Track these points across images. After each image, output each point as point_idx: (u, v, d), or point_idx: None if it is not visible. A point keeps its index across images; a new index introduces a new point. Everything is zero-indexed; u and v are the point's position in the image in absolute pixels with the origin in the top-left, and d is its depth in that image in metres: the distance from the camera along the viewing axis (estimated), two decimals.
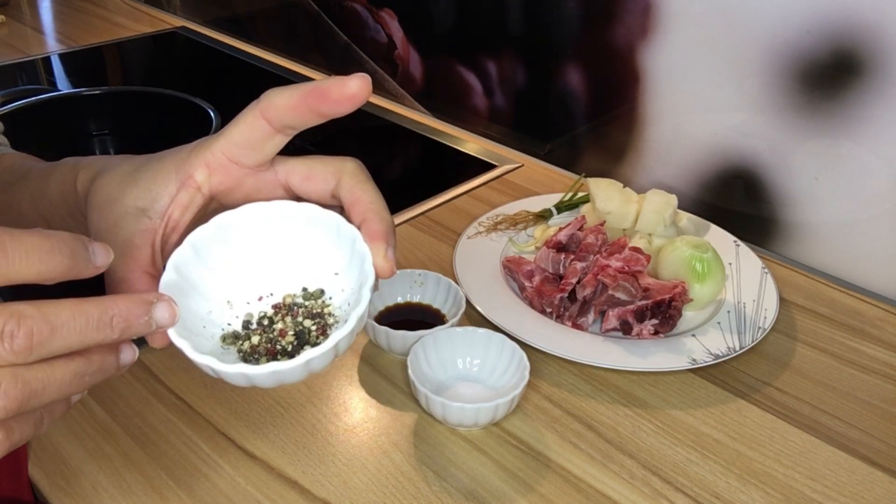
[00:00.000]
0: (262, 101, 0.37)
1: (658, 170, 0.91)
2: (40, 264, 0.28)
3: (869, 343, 0.69)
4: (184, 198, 0.39)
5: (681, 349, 0.65)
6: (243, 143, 0.38)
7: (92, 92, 1.19)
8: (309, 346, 0.36)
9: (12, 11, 1.52)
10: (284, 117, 0.37)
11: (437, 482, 0.54)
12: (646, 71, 0.87)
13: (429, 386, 0.57)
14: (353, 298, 0.37)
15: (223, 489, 0.53)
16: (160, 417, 0.59)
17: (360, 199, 0.38)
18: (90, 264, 0.30)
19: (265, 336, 0.37)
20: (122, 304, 0.30)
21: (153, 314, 0.31)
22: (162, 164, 0.40)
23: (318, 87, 0.36)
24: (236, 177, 0.39)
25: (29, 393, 0.29)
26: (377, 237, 0.37)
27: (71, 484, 0.53)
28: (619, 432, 0.59)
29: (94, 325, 0.29)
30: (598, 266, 0.67)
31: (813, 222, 0.80)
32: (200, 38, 1.44)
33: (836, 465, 0.57)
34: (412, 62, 1.14)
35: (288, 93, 0.37)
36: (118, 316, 0.30)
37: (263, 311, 0.39)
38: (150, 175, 0.39)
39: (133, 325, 0.31)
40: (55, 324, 0.28)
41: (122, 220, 0.39)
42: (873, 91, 0.71)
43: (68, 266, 0.29)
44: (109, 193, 0.40)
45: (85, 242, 0.30)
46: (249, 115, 0.38)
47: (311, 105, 0.36)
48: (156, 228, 0.39)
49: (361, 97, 0.36)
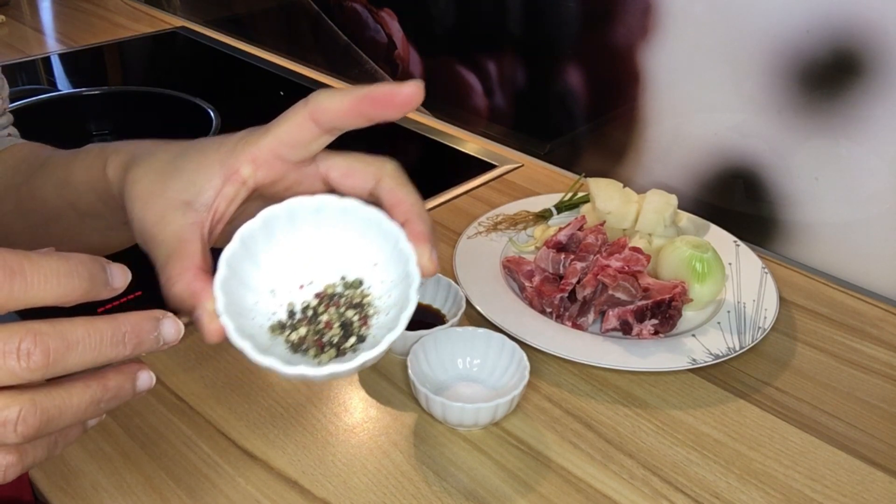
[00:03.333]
0: (310, 102, 0.38)
1: (658, 170, 0.91)
2: (59, 287, 0.29)
3: (869, 343, 0.69)
4: (230, 191, 0.39)
5: (681, 349, 0.65)
6: (290, 141, 0.39)
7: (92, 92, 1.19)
8: (354, 337, 0.37)
9: (12, 11, 1.52)
10: (334, 120, 0.38)
11: (437, 482, 0.54)
12: (646, 71, 0.87)
13: (429, 386, 0.57)
14: (396, 294, 0.38)
15: (223, 489, 0.53)
16: (160, 417, 0.59)
17: (402, 200, 0.39)
18: (108, 286, 0.30)
19: (312, 328, 0.38)
20: (133, 320, 0.31)
21: (161, 330, 0.32)
22: (205, 157, 0.40)
23: (371, 93, 0.37)
24: (280, 171, 0.40)
25: (47, 420, 0.29)
26: (422, 238, 0.38)
27: (71, 484, 0.53)
28: (619, 432, 0.59)
29: (108, 342, 0.30)
30: (598, 266, 0.67)
31: (813, 222, 0.80)
32: (200, 38, 1.44)
33: (836, 465, 0.57)
34: (412, 62, 1.14)
35: (339, 97, 0.37)
36: (130, 332, 0.30)
37: (306, 301, 0.39)
38: (194, 167, 0.40)
39: (144, 341, 0.31)
40: (70, 341, 0.29)
41: (168, 214, 0.39)
42: (873, 91, 0.71)
43: (86, 289, 0.29)
44: (150, 185, 0.40)
45: (103, 264, 0.30)
46: (298, 115, 0.38)
47: (363, 110, 0.37)
48: (203, 221, 0.39)
49: (414, 103, 0.37)
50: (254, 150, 0.39)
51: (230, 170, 0.39)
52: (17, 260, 0.28)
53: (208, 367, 0.64)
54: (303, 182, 0.41)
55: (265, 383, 0.62)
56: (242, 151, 0.39)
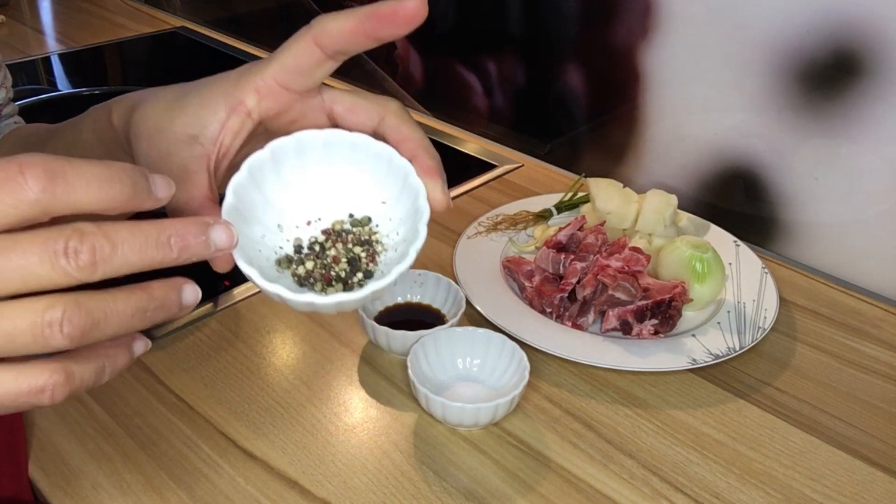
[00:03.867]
0: (314, 27, 0.37)
1: (658, 170, 0.91)
2: (100, 192, 0.28)
3: (869, 343, 0.69)
4: (234, 123, 0.39)
5: (681, 349, 0.65)
6: (294, 68, 0.38)
7: (92, 92, 1.19)
8: (361, 273, 0.37)
9: (12, 11, 1.52)
10: (338, 43, 0.37)
11: (437, 482, 0.54)
12: (646, 71, 0.87)
13: (429, 386, 0.57)
14: (404, 230, 0.38)
15: (223, 489, 0.53)
16: (160, 417, 0.59)
17: (408, 136, 0.39)
18: (151, 195, 0.30)
19: (319, 262, 0.38)
20: (178, 224, 0.30)
21: (210, 235, 0.31)
22: (209, 90, 0.39)
23: (374, 10, 0.36)
24: (285, 102, 0.39)
25: (92, 322, 0.28)
26: (431, 172, 0.38)
27: (71, 484, 0.53)
28: (619, 432, 0.59)
29: (153, 243, 0.29)
30: (598, 266, 0.67)
31: (813, 222, 0.80)
32: (200, 38, 1.44)
33: (836, 465, 0.57)
34: (412, 62, 1.14)
35: (343, 18, 0.36)
36: (175, 235, 0.30)
37: (314, 237, 0.39)
38: (198, 101, 0.39)
39: (191, 244, 0.30)
40: (116, 240, 0.28)
41: (173, 148, 0.38)
42: (873, 91, 0.71)
43: (129, 195, 0.29)
44: (156, 122, 0.40)
45: (145, 173, 0.30)
46: (301, 40, 0.37)
47: (368, 29, 0.36)
48: (209, 154, 0.39)
49: (419, 17, 0.35)
50: (258, 80, 0.39)
51: (235, 101, 0.39)
52: (59, 164, 0.28)
53: (208, 367, 0.64)
54: (307, 115, 0.40)
55: (265, 383, 0.62)
56: (247, 82, 0.39)
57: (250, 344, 0.67)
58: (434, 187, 0.38)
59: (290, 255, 0.38)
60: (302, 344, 0.67)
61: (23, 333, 0.28)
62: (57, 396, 0.29)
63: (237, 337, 0.67)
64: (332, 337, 0.68)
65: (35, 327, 0.28)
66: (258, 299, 0.72)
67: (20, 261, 0.27)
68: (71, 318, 0.28)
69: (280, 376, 0.63)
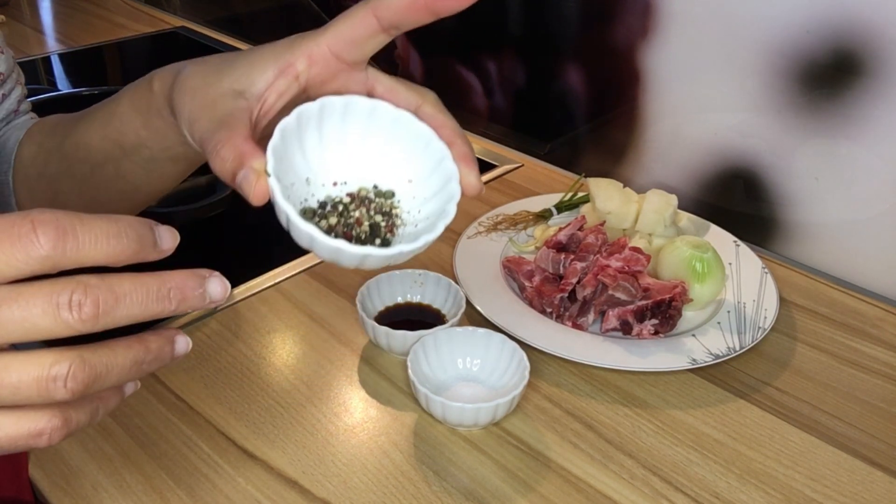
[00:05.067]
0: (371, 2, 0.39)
1: (658, 170, 0.91)
2: (108, 247, 0.29)
3: (869, 343, 0.69)
4: (281, 84, 0.40)
5: (681, 349, 0.65)
6: (349, 38, 0.40)
7: (92, 92, 1.19)
8: (379, 239, 0.39)
9: (12, 11, 1.52)
10: (396, 16, 0.38)
11: (437, 482, 0.54)
12: (646, 71, 0.87)
13: (429, 386, 0.57)
14: (427, 209, 0.40)
15: (223, 489, 0.53)
16: (160, 417, 0.59)
17: (444, 124, 0.41)
18: (156, 248, 0.31)
19: (343, 220, 0.39)
20: (178, 277, 0.31)
21: (207, 288, 0.32)
22: (260, 52, 0.41)
23: None
24: (333, 71, 0.41)
25: (95, 376, 0.29)
26: (468, 158, 0.40)
27: (71, 484, 0.53)
28: (619, 432, 0.59)
29: (154, 297, 0.30)
30: (598, 266, 0.67)
31: (813, 222, 0.80)
32: (200, 38, 1.44)
33: (836, 465, 0.57)
34: (412, 62, 1.14)
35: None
36: (175, 288, 0.31)
37: (339, 197, 0.40)
38: (248, 62, 0.41)
39: (188, 297, 0.31)
40: (119, 294, 0.29)
41: (219, 100, 0.40)
42: (873, 91, 0.71)
43: (135, 250, 0.30)
44: (203, 79, 0.41)
45: (151, 226, 0.31)
46: (361, 11, 0.39)
47: (430, 3, 0.38)
48: (252, 108, 0.40)
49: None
50: (312, 46, 0.40)
51: (285, 63, 0.40)
52: (70, 220, 0.29)
53: (208, 367, 0.64)
54: (350, 87, 0.42)
55: (265, 383, 0.62)
56: (300, 47, 0.40)
57: (250, 344, 0.67)
58: (469, 173, 0.40)
59: (314, 209, 0.39)
60: (302, 344, 0.67)
61: (28, 386, 0.29)
62: (54, 439, 0.31)
63: (237, 337, 0.67)
64: (332, 337, 0.68)
65: (40, 381, 0.29)
66: (258, 299, 0.72)
67: (23, 312, 0.28)
68: (76, 374, 0.29)
69: (280, 376, 0.63)
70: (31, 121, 0.63)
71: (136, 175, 0.52)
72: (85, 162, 0.53)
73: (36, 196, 0.58)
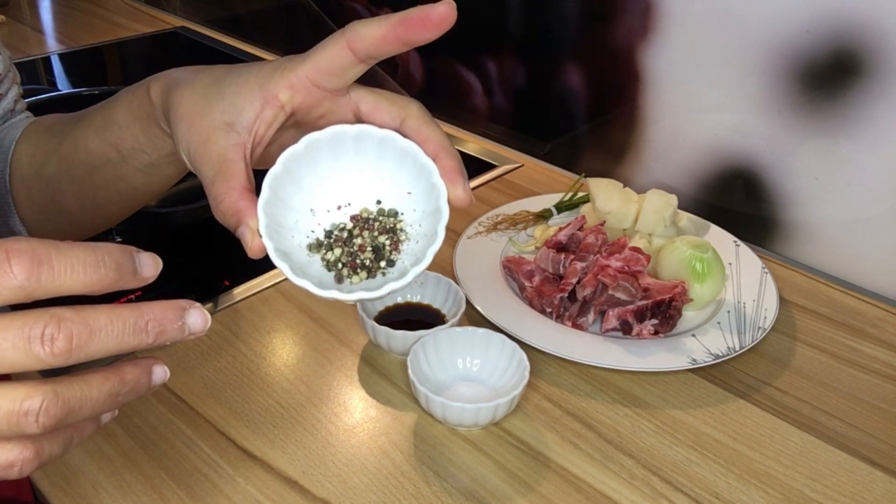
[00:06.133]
0: (347, 32, 0.40)
1: (658, 170, 0.91)
2: (85, 277, 0.29)
3: (869, 343, 0.69)
4: (268, 115, 0.42)
5: (681, 349, 0.65)
6: (327, 69, 0.41)
7: (92, 92, 1.19)
8: (384, 261, 0.41)
9: (12, 11, 1.52)
10: (370, 48, 0.39)
11: (437, 482, 0.54)
12: (646, 71, 0.87)
13: (429, 386, 0.57)
14: (426, 224, 0.41)
15: (223, 489, 0.53)
16: (160, 417, 0.59)
17: (428, 137, 0.41)
18: (136, 276, 0.31)
19: (346, 249, 0.41)
20: (156, 309, 0.31)
21: (186, 320, 0.32)
22: (246, 80, 0.42)
23: (406, 16, 0.38)
24: (316, 98, 0.42)
25: (68, 411, 0.29)
26: (453, 172, 0.40)
27: (71, 484, 0.53)
28: (619, 432, 0.59)
29: (130, 330, 0.30)
30: (598, 266, 0.67)
31: (813, 222, 0.80)
32: (200, 38, 1.44)
33: (836, 465, 0.57)
34: (412, 62, 1.14)
35: (375, 25, 0.39)
36: (153, 321, 0.30)
37: (343, 223, 0.42)
38: (235, 90, 0.42)
39: (167, 329, 0.31)
40: (93, 327, 0.29)
41: (213, 135, 0.41)
42: (873, 91, 0.71)
43: (113, 279, 0.30)
44: (195, 106, 0.43)
45: (132, 254, 0.30)
46: (336, 44, 0.40)
47: (400, 35, 0.39)
48: (245, 143, 0.41)
49: (448, 22, 0.38)
50: (292, 77, 0.41)
51: (269, 94, 0.41)
52: (45, 249, 0.28)
53: (208, 367, 0.64)
54: (336, 111, 0.43)
55: (265, 383, 0.62)
56: (281, 77, 0.41)
57: (250, 344, 0.67)
58: (455, 188, 0.40)
59: (320, 240, 0.41)
60: (302, 344, 0.67)
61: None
62: (25, 471, 0.30)
63: (237, 337, 0.67)
64: (332, 337, 0.68)
65: (11, 416, 0.28)
66: (258, 299, 0.72)
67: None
68: (48, 409, 0.28)
69: (280, 376, 0.63)
70: (27, 120, 0.63)
71: (135, 177, 0.52)
72: (83, 164, 0.53)
73: (33, 195, 0.58)
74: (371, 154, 0.42)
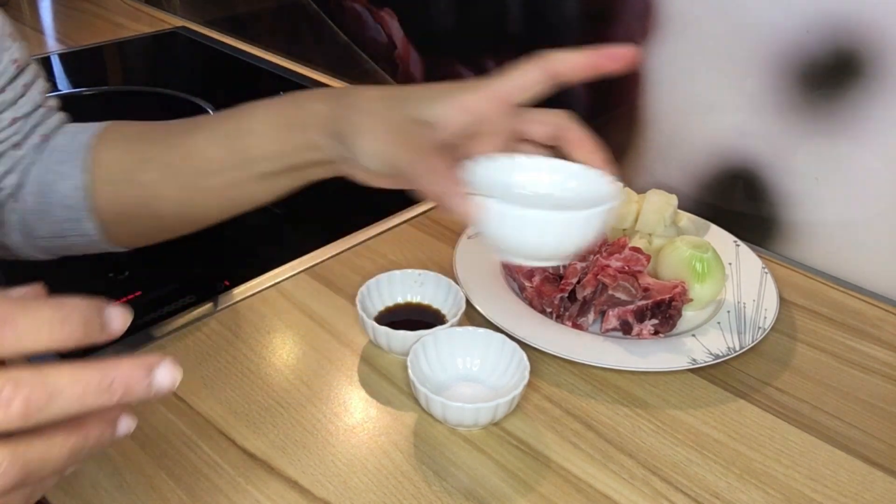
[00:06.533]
0: (545, 58, 0.49)
1: (658, 170, 0.91)
2: (50, 335, 0.28)
3: (869, 343, 0.69)
4: (461, 119, 0.49)
5: (681, 349, 0.65)
6: (522, 85, 0.50)
7: (92, 92, 1.19)
8: None
9: (12, 11, 1.52)
10: (567, 73, 0.49)
11: (437, 482, 0.54)
12: (646, 71, 0.87)
13: (429, 386, 0.57)
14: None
15: (223, 489, 0.53)
16: (160, 417, 0.59)
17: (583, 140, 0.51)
18: (104, 331, 0.30)
19: None
20: (123, 368, 0.30)
21: (154, 379, 0.31)
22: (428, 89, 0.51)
23: (604, 50, 0.49)
24: (500, 109, 0.50)
25: (27, 473, 0.28)
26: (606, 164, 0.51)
27: (71, 484, 0.53)
28: (619, 432, 0.59)
29: (94, 391, 0.29)
30: (598, 266, 0.67)
31: (813, 222, 0.80)
32: (200, 38, 1.44)
33: (836, 465, 0.57)
34: (412, 62, 1.14)
35: (573, 54, 0.49)
36: (118, 380, 0.29)
37: None
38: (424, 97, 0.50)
39: (133, 389, 0.30)
40: (53, 390, 0.28)
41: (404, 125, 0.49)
42: (873, 91, 0.71)
43: (80, 336, 0.29)
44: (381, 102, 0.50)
45: (100, 309, 0.30)
46: (533, 66, 0.50)
47: (596, 63, 0.48)
48: (443, 140, 0.48)
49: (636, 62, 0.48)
50: (487, 89, 0.50)
51: (463, 102, 0.49)
52: (9, 309, 0.27)
53: (208, 366, 0.64)
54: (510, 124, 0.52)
55: (265, 383, 0.62)
56: (477, 88, 0.50)
57: (250, 344, 0.67)
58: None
59: None
60: (302, 344, 0.67)
61: None
62: None
63: (237, 337, 0.67)
64: (332, 337, 0.68)
65: None
66: (258, 299, 0.72)
67: None
68: (6, 472, 0.28)
69: (280, 376, 0.63)
70: (87, 125, 0.63)
71: (248, 185, 0.56)
72: (196, 171, 0.56)
73: (123, 199, 0.59)
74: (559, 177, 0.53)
